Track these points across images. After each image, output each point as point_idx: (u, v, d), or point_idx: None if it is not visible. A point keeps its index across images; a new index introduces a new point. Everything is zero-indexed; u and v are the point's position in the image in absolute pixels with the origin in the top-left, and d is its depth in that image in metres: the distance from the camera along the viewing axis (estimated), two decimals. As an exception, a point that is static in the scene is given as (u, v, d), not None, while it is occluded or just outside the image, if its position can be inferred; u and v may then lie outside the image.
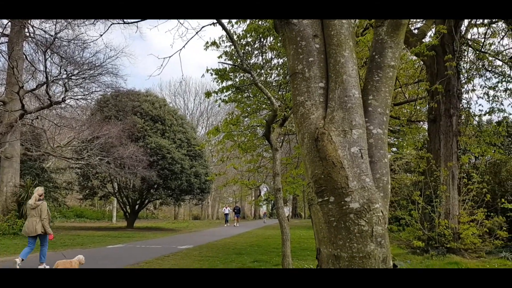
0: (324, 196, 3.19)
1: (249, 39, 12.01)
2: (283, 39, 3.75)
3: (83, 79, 22.11)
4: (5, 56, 20.31)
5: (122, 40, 72.13)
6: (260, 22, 11.36)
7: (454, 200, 12.33)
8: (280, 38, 3.87)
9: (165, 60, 10.48)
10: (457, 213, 12.18)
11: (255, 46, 12.32)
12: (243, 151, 13.76)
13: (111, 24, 9.79)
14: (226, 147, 14.47)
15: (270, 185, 33.88)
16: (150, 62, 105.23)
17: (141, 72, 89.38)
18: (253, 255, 12.97)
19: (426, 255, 11.47)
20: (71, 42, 20.94)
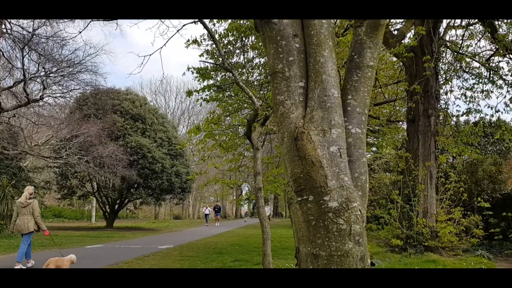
0: (303, 195, 3.20)
1: (231, 38, 11.99)
2: (263, 38, 3.76)
3: (62, 77, 21.68)
4: (-19, 53, 19.82)
5: (102, 38, 71.23)
6: (242, 21, 11.35)
7: (432, 199, 12.53)
8: (261, 37, 3.87)
9: (146, 58, 10.39)
10: (435, 212, 12.38)
11: (237, 45, 12.30)
12: (224, 150, 13.74)
13: (90, 21, 9.61)
14: (208, 146, 14.42)
15: (251, 184, 33.86)
16: (131, 60, 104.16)
17: (122, 70, 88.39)
18: (234, 255, 12.96)
19: (405, 253, 11.63)
20: (50, 39, 20.50)
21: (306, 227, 3.19)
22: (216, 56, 12.24)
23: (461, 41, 14.51)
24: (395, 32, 14.12)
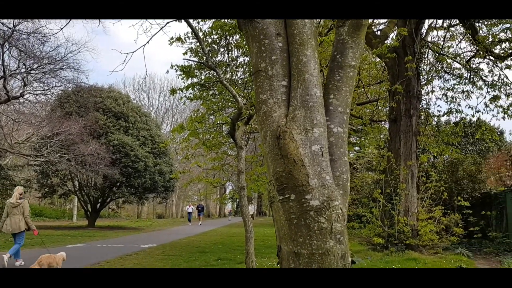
0: (285, 194, 3.21)
1: (215, 37, 11.95)
2: (247, 37, 3.76)
3: (43, 74, 21.35)
4: (-41, 48, 19.38)
5: (85, 34, 70.22)
6: (226, 20, 11.32)
7: (413, 198, 12.68)
8: (244, 36, 3.87)
9: (129, 56, 10.31)
10: (416, 211, 12.53)
11: (221, 44, 12.27)
12: (208, 149, 13.71)
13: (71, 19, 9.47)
14: (191, 145, 14.37)
15: (235, 183, 33.84)
16: (114, 58, 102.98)
17: (104, 68, 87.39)
18: (217, 253, 12.94)
19: (386, 252, 11.75)
20: (31, 35, 20.15)
21: (288, 226, 3.21)
22: (200, 54, 12.19)
23: (443, 42, 14.70)
24: (378, 33, 14.25)
